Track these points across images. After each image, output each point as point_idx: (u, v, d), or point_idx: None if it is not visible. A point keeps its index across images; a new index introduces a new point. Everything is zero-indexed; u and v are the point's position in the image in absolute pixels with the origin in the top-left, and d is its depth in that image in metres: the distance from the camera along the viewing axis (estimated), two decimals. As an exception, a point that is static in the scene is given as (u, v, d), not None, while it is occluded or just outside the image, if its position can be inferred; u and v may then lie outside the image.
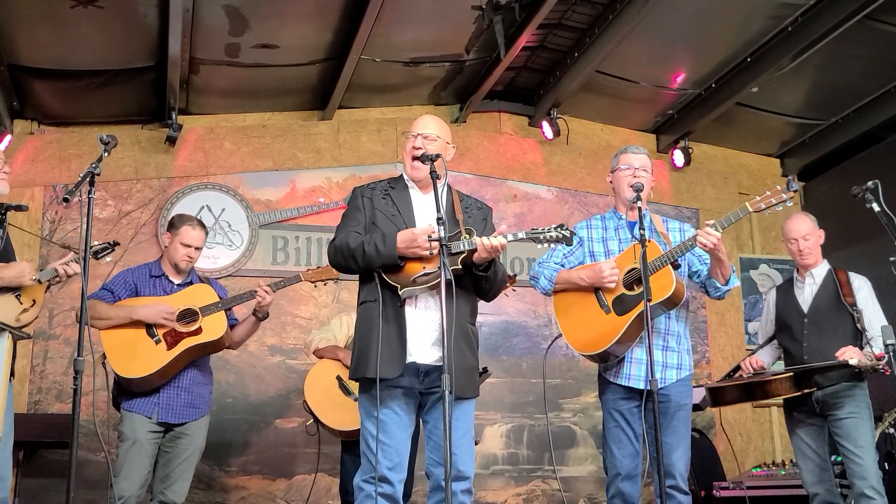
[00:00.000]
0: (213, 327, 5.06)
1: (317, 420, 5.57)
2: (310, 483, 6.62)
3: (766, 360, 5.27)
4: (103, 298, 4.99)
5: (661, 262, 4.29)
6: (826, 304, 5.12)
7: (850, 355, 4.77)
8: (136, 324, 4.93)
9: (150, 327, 4.94)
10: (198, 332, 5.01)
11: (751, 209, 4.27)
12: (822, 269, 5.22)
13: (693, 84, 7.43)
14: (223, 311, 5.14)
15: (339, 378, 5.58)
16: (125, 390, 4.94)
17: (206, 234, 5.32)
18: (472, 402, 4.07)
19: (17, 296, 4.20)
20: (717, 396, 5.22)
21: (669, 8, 6.14)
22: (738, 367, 5.26)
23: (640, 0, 6.06)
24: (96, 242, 4.74)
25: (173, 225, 5.21)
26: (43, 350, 6.59)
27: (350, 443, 5.53)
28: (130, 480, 4.81)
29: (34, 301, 4.26)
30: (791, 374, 4.92)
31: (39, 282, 4.24)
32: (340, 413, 5.49)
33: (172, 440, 5.03)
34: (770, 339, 5.36)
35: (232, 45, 6.35)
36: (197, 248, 5.18)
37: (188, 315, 5.03)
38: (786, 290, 5.35)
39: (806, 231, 5.19)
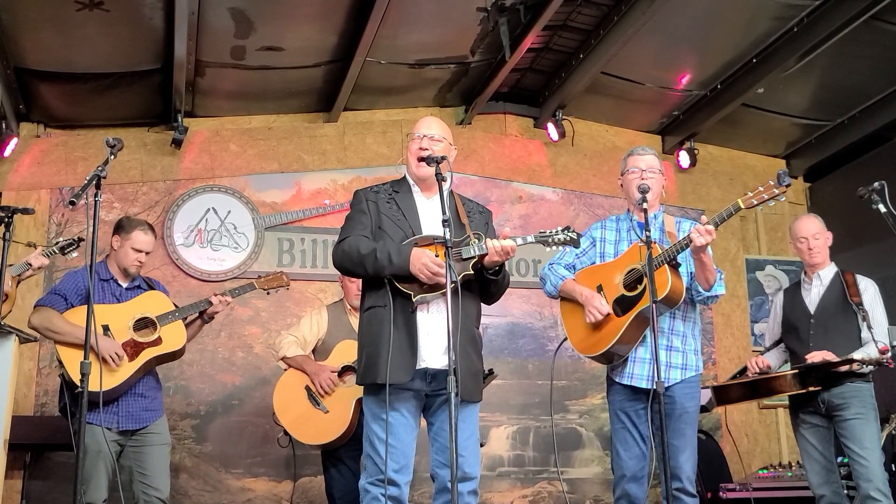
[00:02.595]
0: (173, 338, 5.05)
1: (287, 433, 5.47)
2: (315, 485, 6.62)
3: (774, 362, 5.27)
4: (55, 305, 4.88)
5: (657, 262, 4.27)
6: (833, 305, 5.13)
7: (830, 357, 4.82)
8: None
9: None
10: (157, 342, 4.99)
11: (742, 205, 4.22)
12: (829, 270, 5.24)
13: (698, 85, 7.42)
14: (181, 321, 5.12)
15: (307, 389, 5.46)
16: (79, 399, 4.85)
17: (155, 237, 5.29)
18: (476, 405, 4.08)
19: None
20: (722, 395, 5.23)
21: (675, 9, 6.13)
22: (744, 369, 5.27)
23: (646, 1, 6.05)
24: (61, 238, 4.75)
25: (123, 228, 5.13)
26: (49, 353, 6.59)
27: (329, 452, 5.48)
28: (99, 490, 4.80)
29: (6, 296, 4.26)
30: (796, 371, 4.92)
31: (13, 277, 4.24)
32: (308, 427, 5.38)
33: (140, 441, 5.00)
34: (777, 342, 5.36)
35: (237, 47, 6.36)
36: (147, 253, 5.15)
37: (145, 324, 5.00)
38: (793, 293, 5.36)
39: (815, 231, 5.20)
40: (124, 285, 5.11)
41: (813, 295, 5.22)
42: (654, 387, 3.99)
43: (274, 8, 5.94)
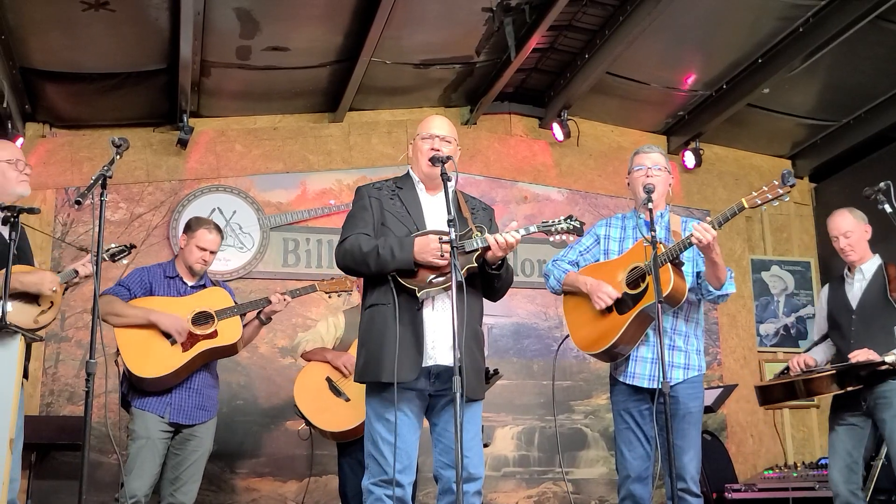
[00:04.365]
0: (229, 332, 5.09)
1: (309, 423, 5.51)
2: (320, 485, 6.62)
3: (820, 357, 5.19)
4: (119, 295, 5.01)
5: (660, 261, 4.25)
6: (874, 300, 5.01)
7: (872, 356, 4.74)
8: (152, 325, 4.96)
9: None
10: (213, 335, 5.03)
11: (746, 205, 4.20)
12: (871, 264, 5.11)
13: (704, 85, 7.41)
14: (238, 316, 5.17)
15: (328, 380, 5.53)
16: (137, 389, 4.96)
17: (222, 237, 5.35)
18: (480, 404, 4.07)
19: (35, 299, 4.22)
20: (766, 395, 5.22)
21: (680, 9, 6.12)
22: (788, 368, 5.21)
23: (651, 1, 6.04)
24: (113, 245, 4.79)
25: (190, 227, 5.23)
26: (55, 352, 6.61)
27: (345, 446, 5.50)
28: (142, 479, 4.83)
29: (52, 303, 4.28)
30: (834, 371, 4.86)
31: (59, 284, 4.26)
32: (331, 415, 5.44)
33: (182, 442, 5.05)
34: (824, 337, 5.29)
35: (243, 47, 6.36)
36: (212, 252, 5.22)
37: (203, 318, 5.04)
38: (836, 287, 5.25)
39: (847, 228, 5.09)
40: (189, 283, 5.19)
41: (855, 289, 5.10)
42: (660, 386, 3.99)
43: (279, 8, 5.94)
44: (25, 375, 4.36)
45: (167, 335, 4.94)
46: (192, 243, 5.16)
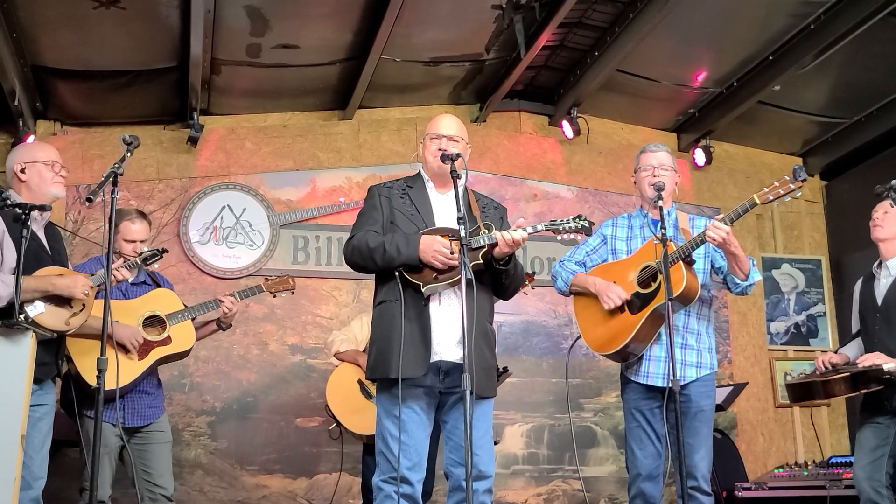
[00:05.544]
0: (183, 338, 5.03)
1: (339, 424, 5.62)
2: (331, 482, 6.64)
3: (853, 354, 5.10)
4: None
5: (672, 259, 4.25)
6: None
7: (880, 361, 4.70)
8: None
9: None
10: (167, 341, 4.97)
11: (758, 201, 4.20)
12: None
13: (714, 83, 7.39)
14: (190, 320, 5.09)
15: (360, 382, 5.65)
16: (87, 395, 4.74)
17: (150, 223, 5.24)
18: (490, 401, 4.07)
19: (68, 301, 4.21)
20: (792, 393, 5.22)
21: (691, 6, 6.10)
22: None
23: (661, -2, 6.04)
24: (146, 249, 4.76)
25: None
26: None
27: (372, 444, 5.55)
28: (104, 487, 4.81)
29: (83, 306, 4.27)
30: (848, 374, 4.83)
31: (91, 288, 4.24)
32: (361, 417, 5.54)
33: (144, 439, 5.01)
34: (859, 332, 5.21)
35: (253, 45, 6.37)
36: (142, 241, 5.07)
37: (154, 322, 4.98)
38: (867, 282, 5.18)
39: (888, 207, 4.96)
40: (129, 280, 5.04)
41: (881, 286, 5.02)
42: (670, 385, 3.99)
43: (289, 6, 5.95)
44: (59, 375, 4.39)
45: (122, 346, 4.81)
46: (119, 238, 5.00)
